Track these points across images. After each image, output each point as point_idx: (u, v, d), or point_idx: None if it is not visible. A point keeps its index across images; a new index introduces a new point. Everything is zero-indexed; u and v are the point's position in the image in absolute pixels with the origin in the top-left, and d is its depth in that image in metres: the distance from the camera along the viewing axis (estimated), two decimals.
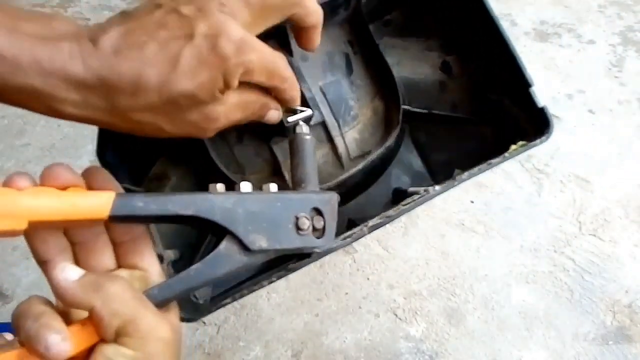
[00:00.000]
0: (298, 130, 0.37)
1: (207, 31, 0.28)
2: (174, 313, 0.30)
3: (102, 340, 0.27)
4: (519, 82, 0.42)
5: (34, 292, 0.68)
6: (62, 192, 0.28)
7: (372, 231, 0.37)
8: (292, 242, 0.34)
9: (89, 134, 0.88)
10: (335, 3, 0.44)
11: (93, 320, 0.27)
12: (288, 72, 0.32)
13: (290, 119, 0.37)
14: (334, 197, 0.35)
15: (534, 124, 0.41)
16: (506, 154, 0.40)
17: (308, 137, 0.37)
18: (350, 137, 0.42)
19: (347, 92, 0.43)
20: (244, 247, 0.32)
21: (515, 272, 0.69)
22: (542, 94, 1.03)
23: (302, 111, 0.37)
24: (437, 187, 0.38)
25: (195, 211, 0.31)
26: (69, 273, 0.27)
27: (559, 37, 1.11)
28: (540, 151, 0.86)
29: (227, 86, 0.29)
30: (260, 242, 0.32)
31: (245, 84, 0.30)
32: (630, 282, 0.67)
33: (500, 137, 0.42)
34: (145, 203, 0.29)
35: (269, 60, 0.30)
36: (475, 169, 0.40)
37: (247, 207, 0.32)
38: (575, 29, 1.13)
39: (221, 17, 0.28)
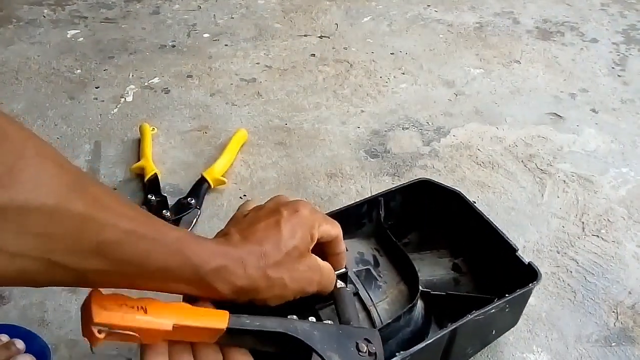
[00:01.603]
0: (338, 285, 0.48)
1: (289, 209, 0.43)
2: None
3: None
4: (508, 251, 0.56)
5: (31, 293, 0.67)
6: (194, 307, 0.39)
7: None
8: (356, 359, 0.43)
9: (86, 134, 0.88)
10: (359, 213, 0.60)
11: None
12: (341, 232, 0.47)
13: None
14: (376, 332, 0.45)
15: (525, 276, 0.53)
16: (507, 295, 0.52)
17: (346, 288, 0.49)
18: (382, 307, 0.53)
19: (375, 276, 0.55)
20: None
21: None
22: (545, 92, 1.03)
23: (339, 269, 0.49)
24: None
25: (285, 329, 0.41)
26: None
27: (561, 36, 1.10)
28: (543, 151, 0.85)
29: (312, 239, 0.43)
30: (335, 358, 0.42)
31: (320, 254, 0.45)
32: (634, 284, 0.66)
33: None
34: (250, 320, 0.40)
35: (330, 219, 0.46)
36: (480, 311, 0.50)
37: (320, 331, 0.43)
38: (578, 27, 1.13)
39: (293, 201, 0.45)
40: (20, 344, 0.55)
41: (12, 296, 0.64)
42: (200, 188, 0.75)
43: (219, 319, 0.39)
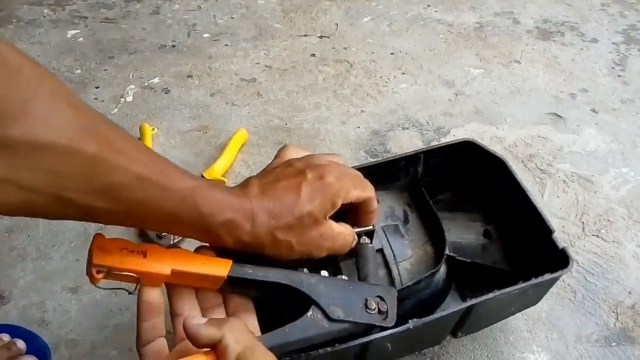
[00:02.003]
0: (362, 240, 0.47)
1: (315, 173, 0.42)
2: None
3: None
4: (543, 231, 0.54)
5: (31, 293, 0.67)
6: (196, 255, 0.40)
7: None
8: (362, 317, 0.42)
9: None
10: (397, 167, 0.58)
11: (219, 348, 0.34)
12: (373, 193, 0.46)
13: (357, 230, 0.47)
14: (394, 290, 0.44)
15: (555, 260, 0.51)
16: (533, 279, 0.50)
17: (370, 244, 0.47)
18: (403, 267, 0.52)
19: (403, 234, 0.54)
20: (326, 316, 0.41)
21: None
22: (545, 92, 1.03)
23: (366, 226, 0.48)
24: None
25: (289, 281, 0.41)
26: (199, 319, 0.35)
27: (561, 36, 1.10)
28: (543, 151, 0.85)
29: (334, 206, 0.42)
30: (338, 312, 0.41)
31: (341, 220, 0.44)
32: (634, 284, 0.66)
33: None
34: (253, 270, 0.40)
35: (362, 182, 0.46)
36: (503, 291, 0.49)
37: (327, 285, 0.42)
38: (578, 27, 1.13)
39: (322, 164, 0.44)
40: (21, 343, 0.55)
41: (12, 296, 0.64)
42: None
43: (220, 267, 0.39)
